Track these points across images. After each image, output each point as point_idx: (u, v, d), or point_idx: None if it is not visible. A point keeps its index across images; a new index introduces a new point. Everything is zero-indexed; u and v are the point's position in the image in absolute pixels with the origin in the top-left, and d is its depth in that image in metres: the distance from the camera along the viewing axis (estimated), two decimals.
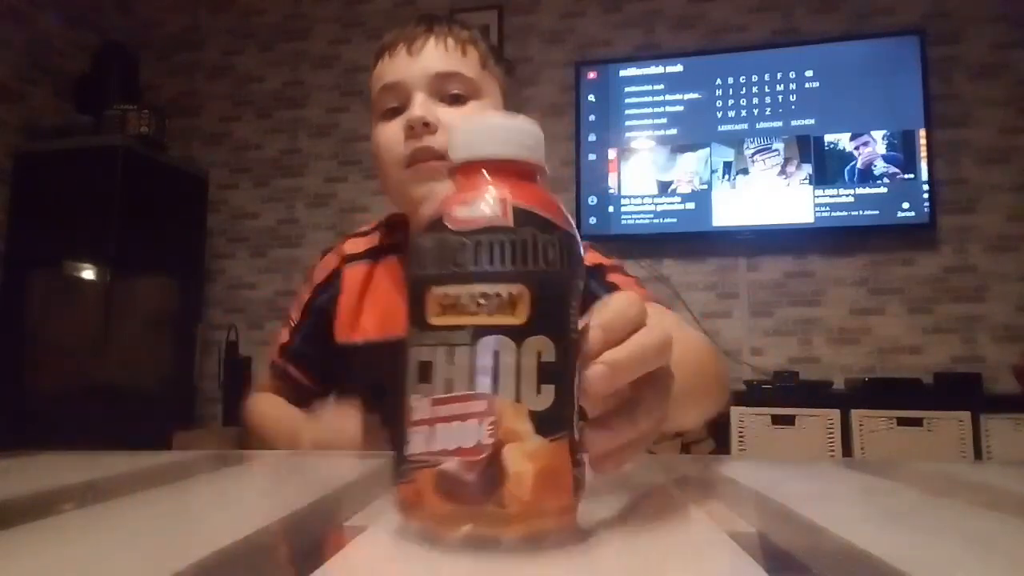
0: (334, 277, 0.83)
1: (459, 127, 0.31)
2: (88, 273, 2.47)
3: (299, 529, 0.32)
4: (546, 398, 0.27)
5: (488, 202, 0.28)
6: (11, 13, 2.59)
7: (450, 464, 0.26)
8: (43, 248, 2.48)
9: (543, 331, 0.27)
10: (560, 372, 0.28)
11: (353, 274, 0.82)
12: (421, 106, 0.70)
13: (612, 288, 0.71)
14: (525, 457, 0.26)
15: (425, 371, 0.28)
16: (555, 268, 0.28)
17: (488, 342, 0.27)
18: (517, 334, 0.27)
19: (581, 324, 0.30)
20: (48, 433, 2.18)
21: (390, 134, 0.71)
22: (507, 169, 0.30)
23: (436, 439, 0.27)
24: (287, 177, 3.02)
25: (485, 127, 0.31)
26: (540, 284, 0.28)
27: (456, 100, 0.72)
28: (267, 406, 0.84)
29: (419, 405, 0.28)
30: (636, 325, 0.31)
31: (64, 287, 2.48)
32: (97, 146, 2.51)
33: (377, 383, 0.73)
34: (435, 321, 0.28)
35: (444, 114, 0.71)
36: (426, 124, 0.69)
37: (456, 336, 0.27)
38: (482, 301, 0.27)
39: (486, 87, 0.74)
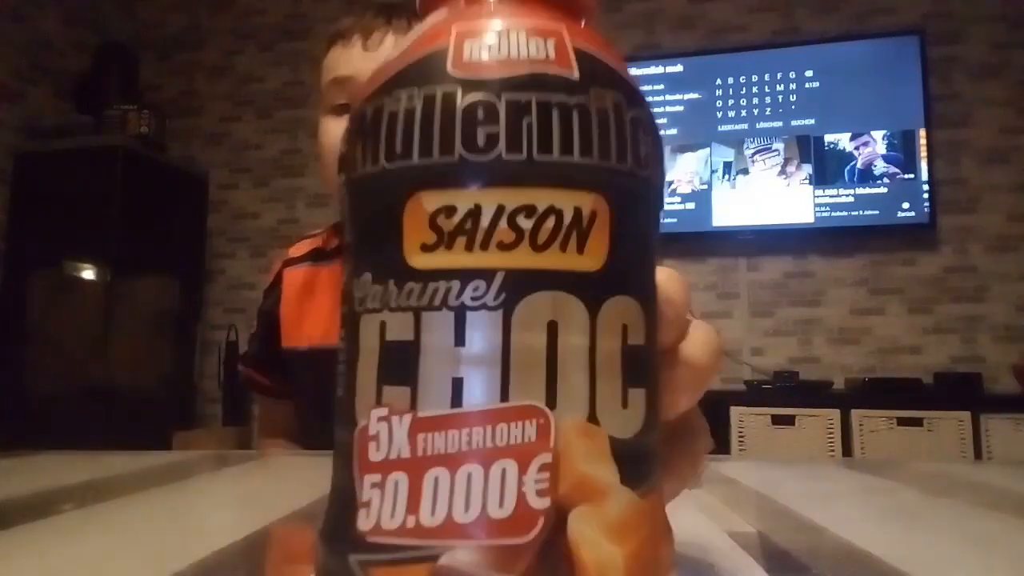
0: (277, 281, 0.82)
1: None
2: (88, 273, 2.47)
3: (299, 529, 0.32)
4: (635, 414, 0.16)
5: (534, 36, 0.16)
6: (11, 13, 2.59)
7: (461, 555, 0.14)
8: (43, 248, 2.48)
9: (630, 290, 0.16)
10: (653, 367, 0.17)
11: (293, 277, 0.80)
12: None
13: None
14: (609, 531, 0.15)
15: (397, 360, 0.15)
16: (648, 171, 0.17)
17: (536, 304, 0.15)
18: (591, 290, 0.15)
19: None
20: (48, 433, 2.18)
21: (337, 132, 0.66)
22: None
23: (426, 502, 0.14)
24: (287, 177, 3.02)
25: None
26: (628, 198, 0.16)
27: None
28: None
29: (383, 429, 0.15)
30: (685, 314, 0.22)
31: (64, 287, 2.48)
32: (97, 146, 2.51)
33: (324, 389, 0.72)
34: (420, 262, 0.15)
35: None
36: None
37: (466, 291, 0.15)
38: (523, 224, 0.15)
39: None
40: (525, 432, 0.14)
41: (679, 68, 2.65)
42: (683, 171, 2.60)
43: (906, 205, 2.42)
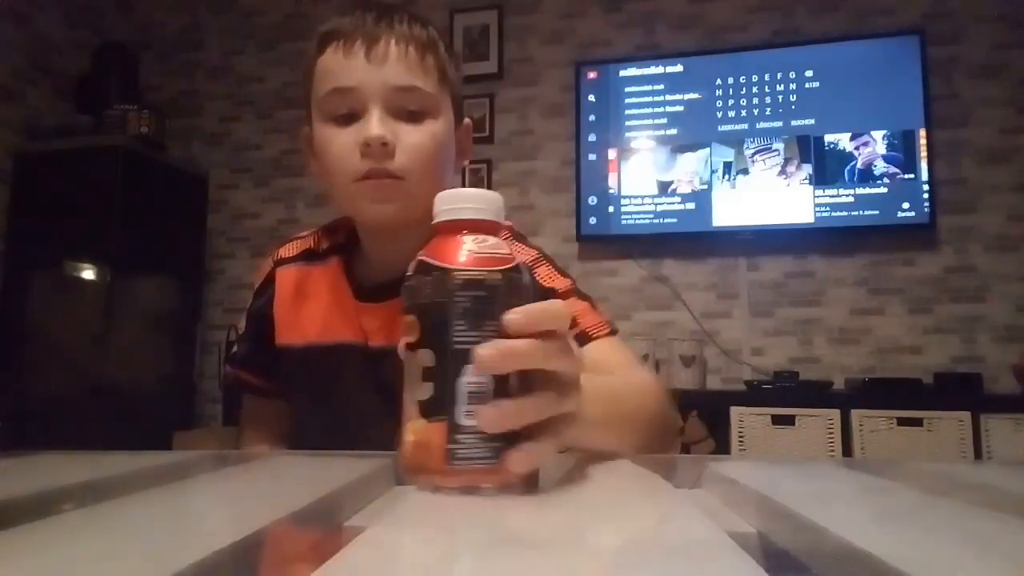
0: (268, 281, 0.81)
1: (440, 196, 0.41)
2: (88, 273, 2.47)
3: (299, 529, 0.32)
4: (426, 392, 0.37)
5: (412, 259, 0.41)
6: (11, 13, 2.59)
7: None
8: (43, 248, 2.48)
9: (427, 345, 0.38)
10: (436, 373, 0.37)
11: (285, 276, 0.80)
12: (379, 124, 0.66)
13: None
14: (410, 431, 0.38)
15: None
16: (432, 300, 0.38)
17: (407, 354, 0.39)
18: (413, 348, 0.38)
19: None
20: (48, 433, 2.19)
21: (344, 144, 0.67)
22: (442, 228, 0.41)
23: None
24: (287, 177, 3.02)
25: (438, 200, 0.42)
26: (422, 313, 0.38)
27: (412, 117, 0.68)
28: None
29: None
30: (548, 325, 0.38)
31: (64, 287, 2.48)
32: (97, 146, 2.52)
33: (319, 385, 0.76)
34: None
35: (401, 132, 0.67)
36: (384, 144, 0.66)
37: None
38: (405, 327, 0.39)
39: (442, 103, 0.71)
40: (406, 398, 0.39)
41: (679, 68, 2.65)
42: (683, 171, 2.61)
43: (906, 205, 2.42)
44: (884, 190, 2.43)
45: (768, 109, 2.55)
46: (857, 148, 2.47)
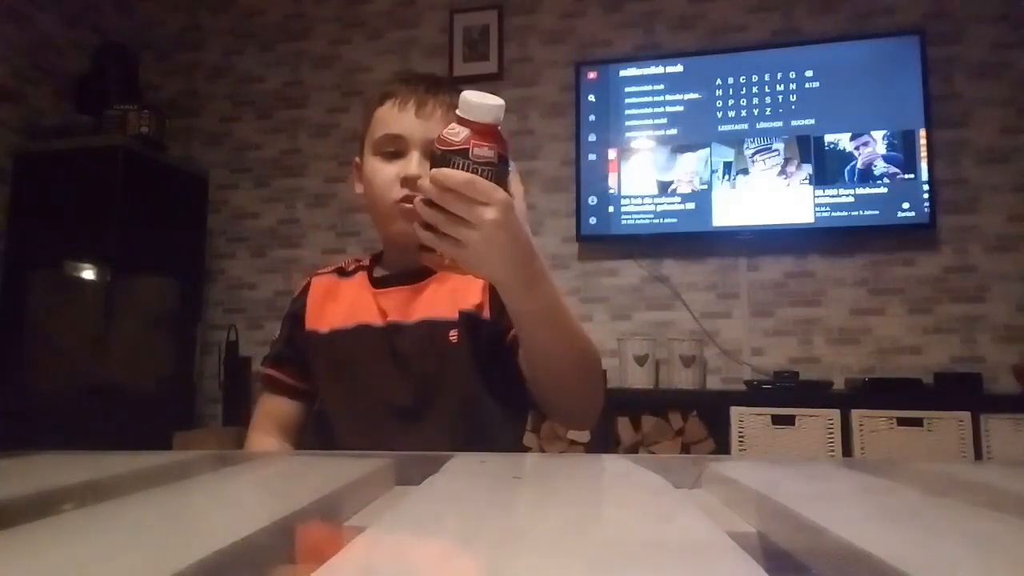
0: (304, 289, 0.99)
1: (472, 100, 0.61)
2: (88, 273, 2.47)
3: (299, 529, 0.32)
4: None
5: (452, 127, 0.63)
6: (11, 13, 2.59)
7: None
8: (43, 248, 2.48)
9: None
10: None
11: (319, 282, 0.98)
12: (417, 166, 0.84)
13: None
14: None
15: None
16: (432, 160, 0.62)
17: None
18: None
19: None
20: (48, 433, 2.18)
21: (387, 176, 0.86)
22: (464, 119, 0.62)
23: None
24: (287, 177, 3.02)
25: (481, 105, 0.61)
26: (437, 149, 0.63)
27: None
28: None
29: None
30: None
31: (64, 287, 2.48)
32: (97, 146, 2.51)
33: (341, 361, 0.90)
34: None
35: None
36: (418, 180, 0.82)
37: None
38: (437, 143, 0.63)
39: None
40: None
41: (679, 68, 2.65)
42: (683, 171, 2.61)
43: (906, 205, 2.42)
44: (884, 190, 2.43)
45: (768, 109, 2.55)
46: (857, 148, 2.47)
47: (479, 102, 0.60)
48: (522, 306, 0.68)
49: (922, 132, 2.41)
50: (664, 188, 2.61)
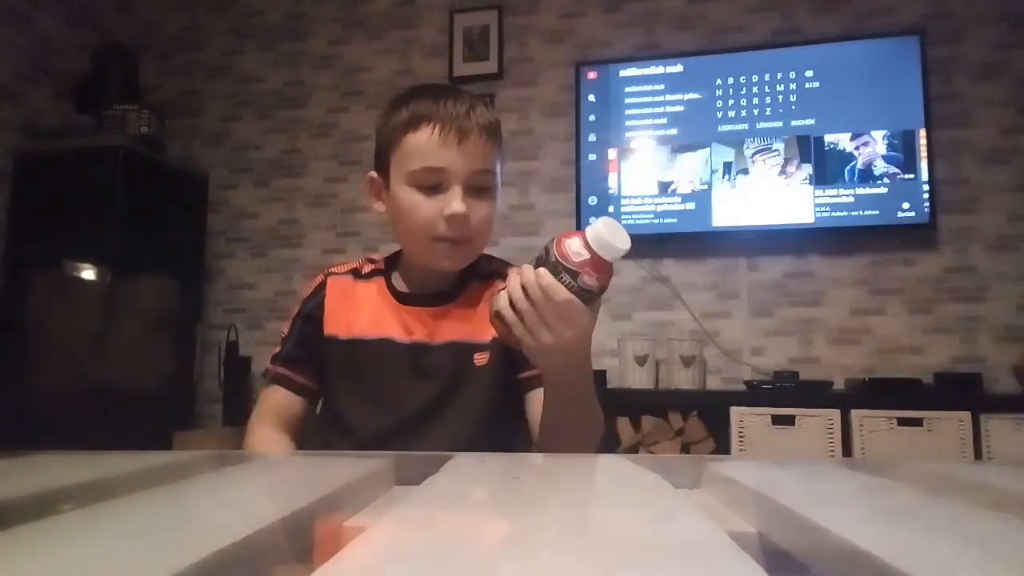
0: (320, 288, 0.95)
1: (603, 235, 0.66)
2: (88, 273, 2.47)
3: (299, 529, 0.32)
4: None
5: (564, 242, 0.68)
6: (11, 13, 2.59)
7: None
8: (43, 248, 2.48)
9: (536, 266, 0.69)
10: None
11: (336, 283, 0.94)
12: (461, 203, 0.83)
13: None
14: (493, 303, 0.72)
15: None
16: (548, 263, 0.68)
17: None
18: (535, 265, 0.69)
19: None
20: (48, 433, 2.19)
21: (430, 213, 0.84)
22: (587, 250, 0.67)
23: None
24: (287, 177, 3.02)
25: (608, 244, 0.66)
26: (544, 261, 0.69)
27: (480, 192, 0.86)
28: (261, 446, 0.91)
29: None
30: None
31: (64, 287, 2.48)
32: (97, 146, 2.51)
33: (363, 371, 0.90)
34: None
35: (472, 207, 0.85)
36: (465, 219, 0.84)
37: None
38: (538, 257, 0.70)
39: (498, 175, 0.89)
40: None
41: (679, 68, 2.65)
42: (683, 171, 2.61)
43: (906, 205, 2.42)
44: (884, 190, 2.43)
45: (768, 109, 2.55)
46: (857, 148, 2.47)
47: (610, 242, 0.64)
48: (556, 392, 0.77)
49: (922, 132, 2.41)
50: (664, 188, 2.61)
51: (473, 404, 0.87)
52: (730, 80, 2.59)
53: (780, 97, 2.55)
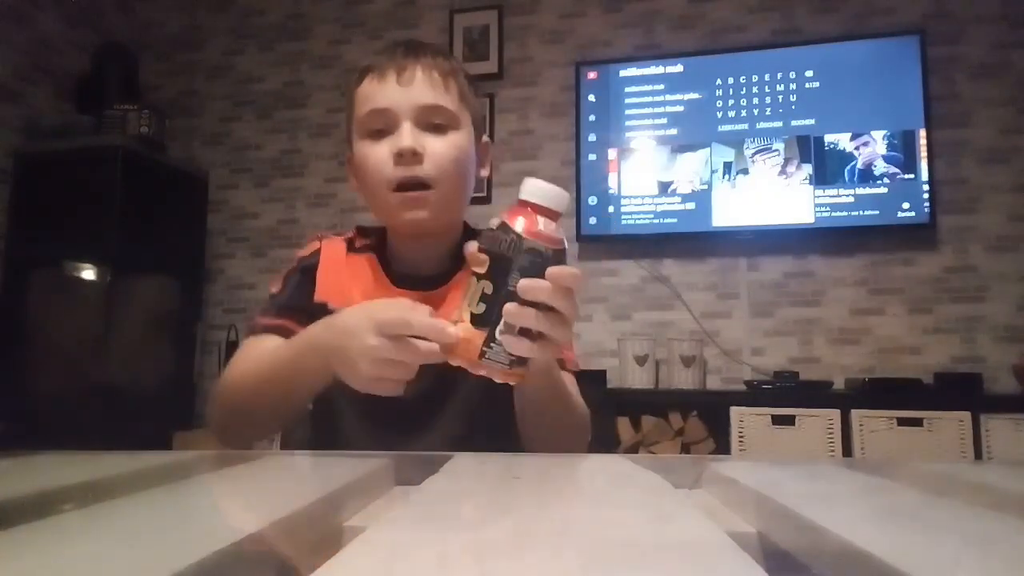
0: (315, 251, 0.89)
1: (530, 181, 0.59)
2: (88, 273, 2.47)
3: (299, 529, 0.32)
4: (479, 309, 0.56)
5: (503, 214, 0.59)
6: (11, 13, 2.59)
7: None
8: (43, 248, 2.48)
9: (490, 279, 0.56)
10: (490, 300, 0.56)
11: (331, 247, 0.89)
12: (410, 136, 0.76)
13: None
14: (461, 329, 0.57)
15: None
16: (504, 252, 0.56)
17: (473, 279, 0.57)
18: (480, 277, 0.56)
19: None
20: (48, 433, 2.19)
21: (379, 157, 0.78)
22: (526, 204, 0.59)
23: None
24: (287, 177, 3.02)
25: (534, 182, 0.59)
26: (496, 257, 0.56)
27: (438, 129, 0.79)
28: (244, 361, 0.81)
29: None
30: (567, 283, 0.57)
31: (64, 287, 2.48)
32: (97, 146, 2.51)
33: None
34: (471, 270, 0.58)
35: (428, 143, 0.78)
36: (414, 153, 0.76)
37: (470, 276, 0.58)
38: (476, 261, 0.57)
39: (463, 119, 0.82)
40: (459, 305, 0.58)
41: (679, 68, 2.65)
42: (683, 171, 2.61)
43: (906, 205, 2.42)
44: (884, 190, 2.43)
45: (768, 109, 2.55)
46: (857, 148, 2.47)
47: (555, 192, 0.58)
48: (536, 392, 0.71)
49: (922, 132, 2.41)
50: (664, 188, 2.61)
51: (471, 393, 0.81)
52: (730, 80, 2.59)
53: (780, 97, 2.55)
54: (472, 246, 0.58)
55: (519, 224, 0.56)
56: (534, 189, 0.58)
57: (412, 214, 0.79)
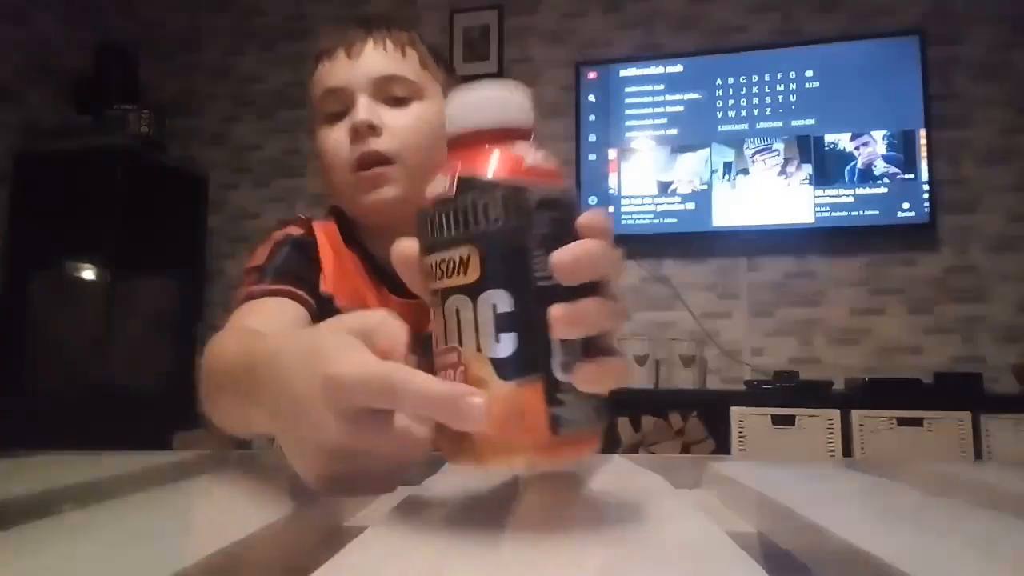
0: (309, 232, 0.79)
1: (464, 94, 0.32)
2: (88, 273, 2.47)
3: (299, 529, 0.32)
4: (506, 346, 0.29)
5: (440, 178, 0.31)
6: (11, 13, 2.59)
7: None
8: (43, 248, 2.48)
9: (499, 285, 0.29)
10: (519, 320, 0.29)
11: (326, 229, 0.80)
12: (365, 109, 0.70)
13: None
14: (491, 402, 0.28)
15: (434, 328, 0.32)
16: (501, 227, 0.29)
17: (451, 301, 0.30)
18: (472, 291, 0.29)
19: None
20: (48, 433, 2.19)
21: (336, 138, 0.72)
22: (468, 141, 0.31)
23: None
24: (287, 177, 3.02)
25: (454, 105, 0.32)
26: (488, 242, 0.29)
27: (399, 102, 0.73)
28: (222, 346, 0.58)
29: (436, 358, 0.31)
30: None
31: (64, 287, 2.48)
32: (97, 146, 2.52)
33: None
34: (428, 287, 0.32)
35: (388, 117, 0.72)
36: (371, 127, 0.70)
37: (434, 299, 0.31)
38: (440, 267, 0.30)
39: (428, 88, 0.75)
40: (452, 357, 0.30)
41: (679, 68, 2.65)
42: (683, 171, 2.61)
43: (906, 205, 2.42)
44: (884, 190, 2.43)
45: (768, 109, 2.55)
46: (857, 148, 2.47)
47: (510, 95, 0.33)
48: None
49: (922, 132, 2.41)
50: (664, 188, 2.61)
51: None
52: (730, 80, 2.59)
53: (780, 97, 2.55)
54: (408, 248, 0.33)
55: (496, 169, 0.30)
56: (485, 104, 0.32)
57: (376, 194, 0.71)
